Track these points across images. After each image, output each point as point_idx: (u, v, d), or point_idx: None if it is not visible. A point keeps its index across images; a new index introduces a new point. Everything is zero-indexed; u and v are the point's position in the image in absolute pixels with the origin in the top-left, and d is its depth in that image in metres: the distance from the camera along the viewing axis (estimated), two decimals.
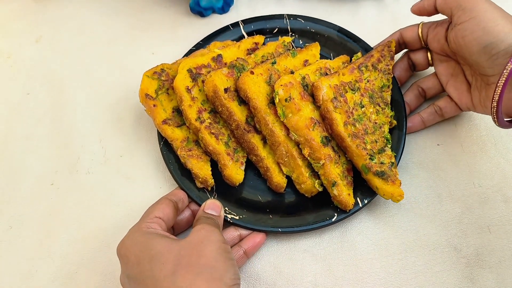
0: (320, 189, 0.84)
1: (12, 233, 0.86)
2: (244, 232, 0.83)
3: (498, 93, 0.71)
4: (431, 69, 0.96)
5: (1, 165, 0.95)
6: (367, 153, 0.82)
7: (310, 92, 0.88)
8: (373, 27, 1.13)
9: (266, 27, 1.08)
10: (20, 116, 1.01)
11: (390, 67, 0.95)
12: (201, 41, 1.05)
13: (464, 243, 0.83)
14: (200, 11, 1.15)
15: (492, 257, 0.81)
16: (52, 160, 0.95)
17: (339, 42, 1.05)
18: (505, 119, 0.76)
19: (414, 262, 0.81)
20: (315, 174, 0.84)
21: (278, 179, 0.85)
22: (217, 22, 1.15)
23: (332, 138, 0.85)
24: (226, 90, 0.87)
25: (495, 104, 0.73)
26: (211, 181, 0.85)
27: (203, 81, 0.90)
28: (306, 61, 0.98)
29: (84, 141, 0.97)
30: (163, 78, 0.94)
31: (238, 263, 0.79)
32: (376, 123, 0.88)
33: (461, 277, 0.80)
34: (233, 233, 0.82)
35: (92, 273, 0.82)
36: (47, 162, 0.95)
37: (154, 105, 0.90)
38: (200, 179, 0.85)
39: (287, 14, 1.09)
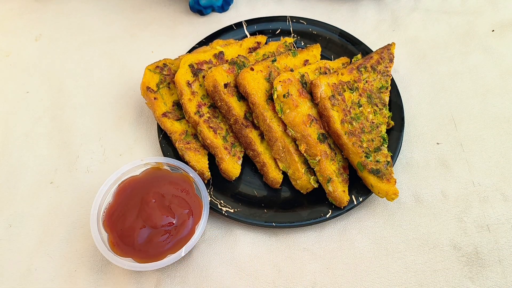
0: (316, 185, 0.85)
1: (11, 231, 0.86)
2: None
3: None
4: None
5: (0, 163, 0.95)
6: (363, 151, 0.83)
7: (309, 90, 0.88)
8: (372, 26, 1.13)
9: (269, 28, 1.09)
10: (19, 115, 1.01)
11: (389, 69, 0.96)
12: (204, 39, 1.06)
13: (464, 242, 0.83)
14: (199, 10, 1.15)
15: (491, 256, 0.81)
16: (52, 158, 0.95)
17: (340, 45, 1.06)
18: None
19: (414, 260, 0.81)
20: (311, 170, 0.85)
21: (274, 175, 0.86)
22: (216, 20, 1.15)
23: (329, 136, 0.85)
24: (226, 85, 0.88)
25: None
26: (207, 174, 0.86)
27: (204, 77, 0.91)
28: (307, 61, 0.98)
29: (83, 139, 0.97)
30: (165, 72, 0.95)
31: None
32: (373, 122, 0.89)
33: (460, 275, 0.79)
34: None
35: (91, 271, 0.82)
36: (47, 160, 0.95)
37: (155, 98, 0.91)
38: (197, 172, 0.85)
39: (290, 16, 1.09)
